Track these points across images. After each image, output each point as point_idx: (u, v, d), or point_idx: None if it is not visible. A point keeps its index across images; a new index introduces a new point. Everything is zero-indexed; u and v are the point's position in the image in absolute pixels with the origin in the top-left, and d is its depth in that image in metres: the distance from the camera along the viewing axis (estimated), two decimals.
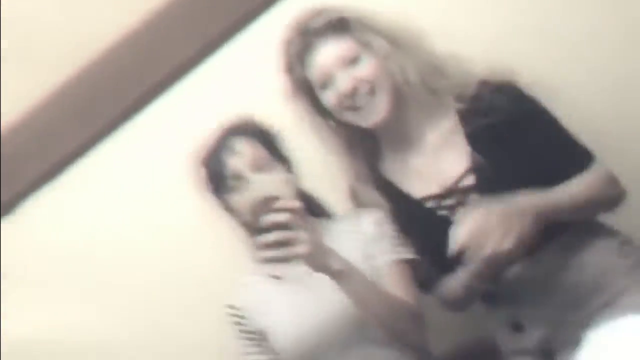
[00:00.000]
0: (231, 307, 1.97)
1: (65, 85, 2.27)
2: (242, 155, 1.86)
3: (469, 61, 1.90)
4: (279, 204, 1.66)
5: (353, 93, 1.83)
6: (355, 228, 1.92)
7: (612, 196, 1.87)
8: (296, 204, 1.68)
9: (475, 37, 2.15)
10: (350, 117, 1.88)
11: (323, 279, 1.83)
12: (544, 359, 1.85)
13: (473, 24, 2.20)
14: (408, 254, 1.90)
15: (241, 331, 1.96)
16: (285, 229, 1.64)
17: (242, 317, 1.95)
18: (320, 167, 1.96)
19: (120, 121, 2.30)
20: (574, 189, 1.81)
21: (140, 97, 2.30)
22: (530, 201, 1.74)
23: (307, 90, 1.89)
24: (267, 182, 1.74)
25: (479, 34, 2.17)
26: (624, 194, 1.87)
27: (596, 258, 1.85)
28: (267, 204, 1.66)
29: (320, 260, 1.71)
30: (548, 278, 1.83)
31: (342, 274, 1.74)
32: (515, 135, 1.83)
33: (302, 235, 1.66)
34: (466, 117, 1.86)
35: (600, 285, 1.82)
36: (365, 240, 1.90)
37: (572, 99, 2.04)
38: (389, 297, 1.82)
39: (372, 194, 1.93)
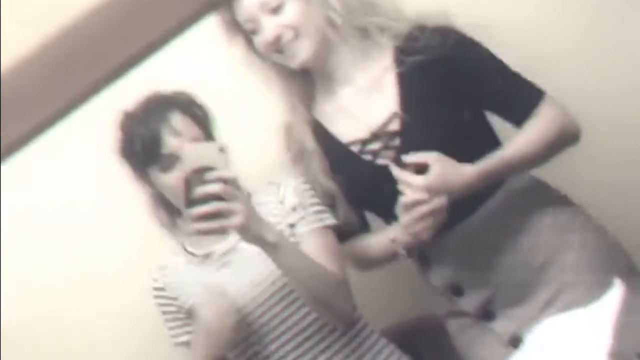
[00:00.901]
0: (155, 288, 1.94)
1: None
2: (182, 135, 1.80)
3: (404, 1, 1.86)
4: (213, 175, 1.62)
5: (277, 40, 1.82)
6: (275, 198, 1.88)
7: (569, 131, 1.83)
8: (230, 174, 1.64)
9: None
10: (277, 59, 1.86)
11: (243, 256, 1.85)
12: (483, 319, 1.84)
13: None
14: (329, 220, 1.87)
15: (165, 312, 1.92)
16: (219, 200, 1.60)
17: (165, 297, 1.92)
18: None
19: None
20: (529, 136, 1.79)
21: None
22: (484, 163, 1.75)
23: (238, 29, 1.87)
24: (200, 152, 1.67)
25: None
26: (578, 127, 1.83)
27: (532, 220, 1.83)
28: (200, 174, 1.62)
29: (254, 231, 1.68)
30: (484, 240, 1.81)
31: (275, 246, 1.71)
32: (452, 76, 1.79)
33: (236, 206, 1.62)
34: (400, 57, 1.82)
35: (539, 245, 1.81)
36: (286, 209, 1.86)
37: (512, 41, 1.98)
38: (318, 267, 1.79)
39: (304, 134, 1.89)
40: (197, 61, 2.11)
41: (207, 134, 1.87)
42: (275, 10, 1.81)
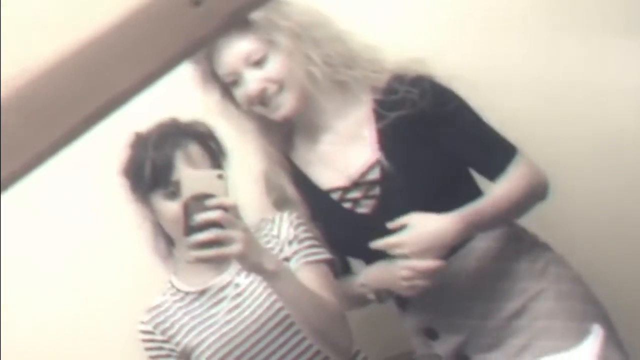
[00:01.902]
0: (143, 331, 1.89)
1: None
2: (195, 164, 1.77)
3: (384, 52, 1.87)
4: (213, 202, 1.58)
5: (261, 94, 1.81)
6: (271, 232, 1.86)
7: (539, 188, 1.85)
8: (230, 201, 1.60)
9: (393, 28, 2.13)
10: (259, 111, 1.85)
11: (240, 291, 1.82)
12: None
13: (390, 14, 2.18)
14: (324, 254, 1.86)
15: (154, 357, 1.88)
16: (218, 228, 1.58)
17: (154, 340, 1.88)
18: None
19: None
20: (501, 192, 1.81)
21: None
22: (460, 216, 1.76)
23: (216, 80, 1.86)
24: (199, 178, 1.63)
25: (395, 25, 2.15)
26: (547, 184, 1.86)
27: (506, 265, 1.84)
28: (200, 201, 1.58)
29: (254, 259, 1.64)
30: (459, 285, 1.83)
31: (275, 274, 1.68)
32: (430, 129, 1.81)
33: (236, 234, 1.59)
34: (379, 110, 1.83)
35: (514, 291, 1.82)
36: (281, 243, 1.85)
37: (490, 92, 2.02)
38: (318, 298, 1.76)
39: (283, 181, 1.90)
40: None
41: (212, 154, 1.83)
42: (258, 63, 1.80)
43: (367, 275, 1.85)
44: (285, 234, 1.85)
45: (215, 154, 1.83)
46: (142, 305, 1.92)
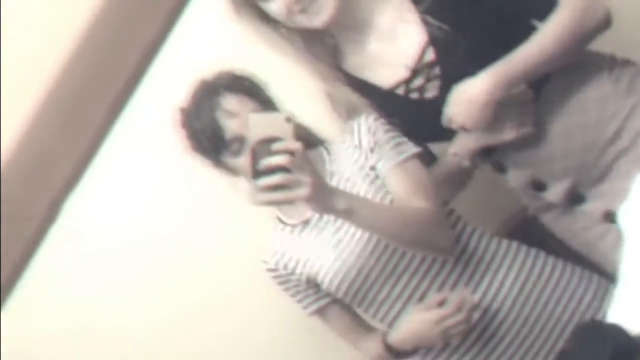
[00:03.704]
0: (269, 269, 1.95)
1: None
2: (238, 114, 1.80)
3: None
4: (279, 146, 1.60)
5: None
6: (352, 144, 1.87)
7: (595, 20, 1.79)
8: (296, 145, 1.61)
9: None
10: (300, 21, 1.83)
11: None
12: (573, 205, 1.86)
13: None
14: (409, 151, 1.85)
15: (287, 289, 1.95)
16: (285, 171, 1.59)
17: (281, 275, 1.94)
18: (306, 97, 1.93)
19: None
20: (534, 43, 1.76)
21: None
22: (490, 71, 1.74)
23: (249, 4, 1.85)
24: (266, 122, 1.63)
25: None
26: (608, 12, 1.79)
27: (592, 94, 1.81)
28: (266, 145, 1.60)
29: (323, 201, 1.65)
30: (550, 128, 1.81)
31: (349, 211, 1.69)
32: None
33: (303, 177, 1.60)
34: None
35: (605, 117, 1.80)
36: (364, 152, 1.86)
37: None
38: (404, 213, 1.77)
39: (346, 93, 1.89)
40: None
41: (264, 102, 1.86)
42: None
43: (456, 144, 1.85)
44: (365, 142, 1.86)
45: (252, 92, 1.85)
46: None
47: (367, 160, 1.86)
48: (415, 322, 1.82)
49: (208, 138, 1.82)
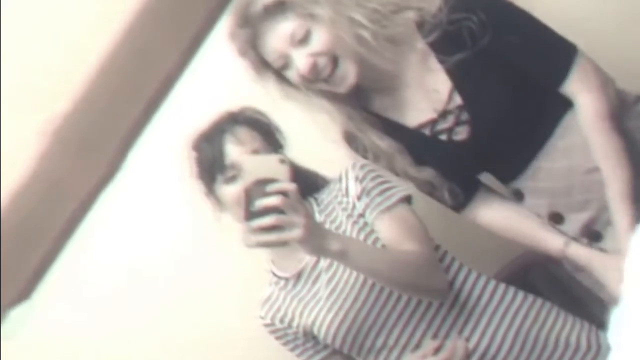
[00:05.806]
0: (265, 325, 1.96)
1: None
2: (244, 144, 1.84)
3: None
4: (273, 187, 1.59)
5: (313, 69, 1.79)
6: (340, 192, 1.88)
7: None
8: (291, 186, 1.60)
9: None
10: (323, 87, 1.84)
11: (327, 262, 1.86)
12: (590, 239, 1.86)
13: None
14: (396, 195, 1.86)
15: (286, 343, 1.95)
16: (279, 213, 1.58)
17: (278, 330, 1.94)
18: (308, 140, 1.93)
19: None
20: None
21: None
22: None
23: (267, 68, 1.85)
24: (259, 164, 1.63)
25: None
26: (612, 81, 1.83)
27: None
28: (261, 186, 1.59)
29: (317, 243, 1.64)
30: (569, 163, 1.82)
31: (343, 253, 1.68)
32: (492, 45, 1.79)
33: (296, 218, 1.59)
34: (439, 56, 1.83)
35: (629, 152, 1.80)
36: (352, 200, 1.86)
37: None
38: (397, 256, 1.78)
39: (371, 135, 1.88)
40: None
41: (272, 144, 1.89)
42: (303, 40, 1.78)
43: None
44: (352, 189, 1.87)
45: (264, 132, 1.88)
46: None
47: (354, 208, 1.86)
48: None
49: (209, 160, 1.85)
